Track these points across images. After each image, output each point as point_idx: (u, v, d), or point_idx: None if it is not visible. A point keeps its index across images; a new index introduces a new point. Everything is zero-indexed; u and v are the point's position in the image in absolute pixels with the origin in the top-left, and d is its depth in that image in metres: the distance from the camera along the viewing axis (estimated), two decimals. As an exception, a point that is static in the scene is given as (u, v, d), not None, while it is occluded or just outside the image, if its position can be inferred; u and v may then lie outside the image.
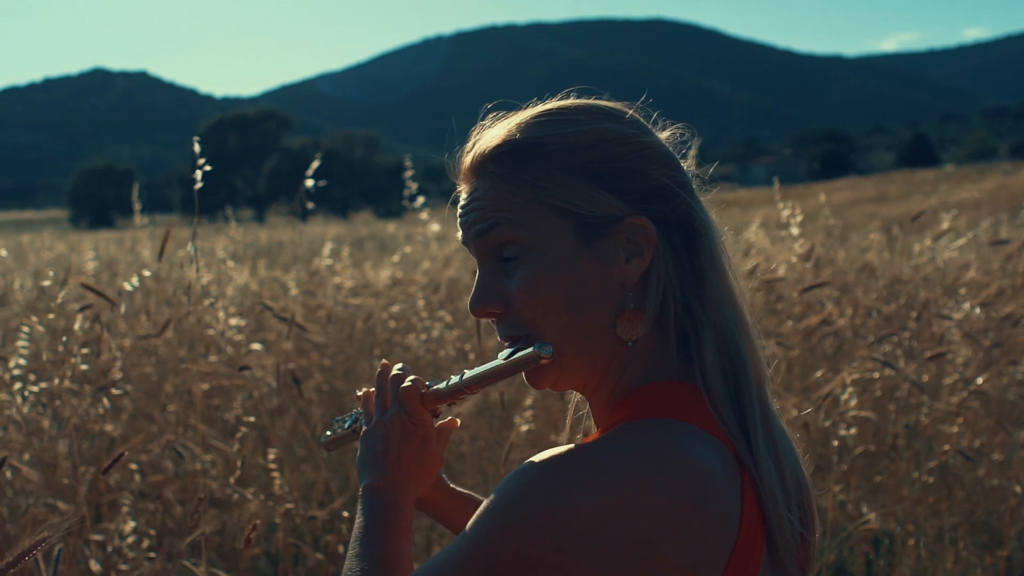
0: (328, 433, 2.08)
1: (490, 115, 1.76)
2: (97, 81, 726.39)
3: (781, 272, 6.96)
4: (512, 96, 1.78)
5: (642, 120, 1.72)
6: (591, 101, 1.72)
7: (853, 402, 4.74)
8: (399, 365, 1.93)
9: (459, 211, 1.72)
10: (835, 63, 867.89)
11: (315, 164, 5.28)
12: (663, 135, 1.73)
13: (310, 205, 5.60)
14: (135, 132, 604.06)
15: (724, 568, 1.46)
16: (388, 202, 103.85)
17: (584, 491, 1.43)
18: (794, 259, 6.90)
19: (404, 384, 1.88)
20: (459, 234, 1.72)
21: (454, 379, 1.80)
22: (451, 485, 2.06)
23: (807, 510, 1.69)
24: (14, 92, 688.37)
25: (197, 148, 3.80)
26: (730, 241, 1.77)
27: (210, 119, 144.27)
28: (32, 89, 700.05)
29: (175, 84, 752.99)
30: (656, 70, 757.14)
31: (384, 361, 1.98)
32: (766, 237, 11.79)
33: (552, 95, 1.75)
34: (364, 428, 1.94)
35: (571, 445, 1.53)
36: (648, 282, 1.62)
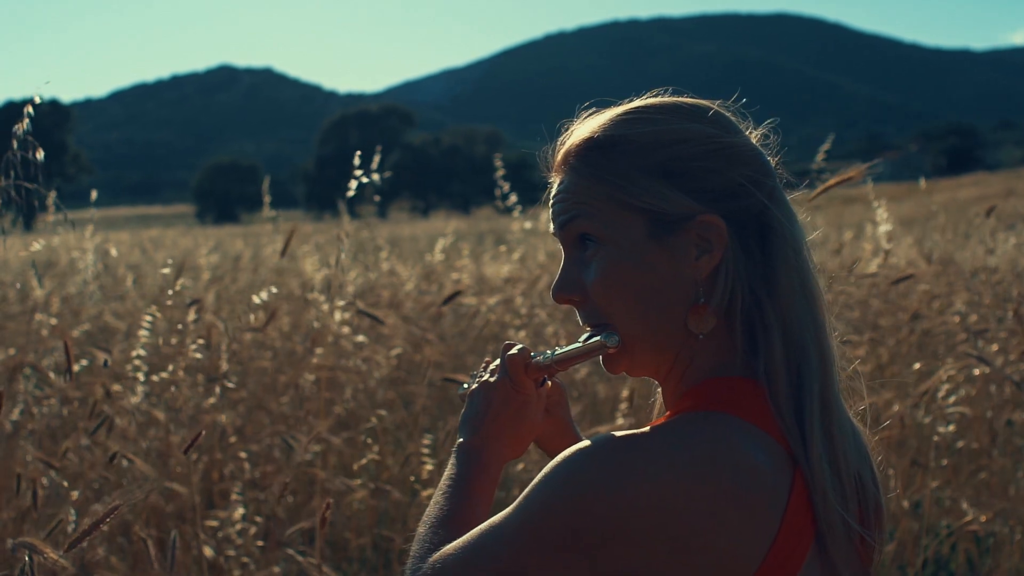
0: (464, 385, 2.16)
1: (583, 112, 1.81)
2: (223, 78, 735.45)
3: (904, 270, 6.88)
4: (637, 91, 1.81)
5: (728, 118, 1.74)
6: (676, 99, 1.75)
7: (951, 399, 4.70)
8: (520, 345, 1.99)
9: (550, 202, 1.78)
10: (963, 57, 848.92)
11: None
12: (752, 134, 1.76)
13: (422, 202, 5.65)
14: (260, 128, 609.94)
15: (762, 559, 1.50)
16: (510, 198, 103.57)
17: (634, 477, 1.48)
18: (882, 253, 6.81)
19: (510, 352, 1.95)
20: (551, 225, 1.79)
21: (548, 354, 1.89)
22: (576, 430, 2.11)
23: (870, 508, 1.70)
24: (143, 89, 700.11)
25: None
26: (817, 238, 1.78)
27: (333, 115, 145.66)
28: (160, 86, 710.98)
29: (299, 80, 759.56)
30: (780, 65, 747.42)
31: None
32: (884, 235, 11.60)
33: (676, 89, 1.79)
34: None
35: (628, 431, 1.57)
36: (717, 278, 1.66)
